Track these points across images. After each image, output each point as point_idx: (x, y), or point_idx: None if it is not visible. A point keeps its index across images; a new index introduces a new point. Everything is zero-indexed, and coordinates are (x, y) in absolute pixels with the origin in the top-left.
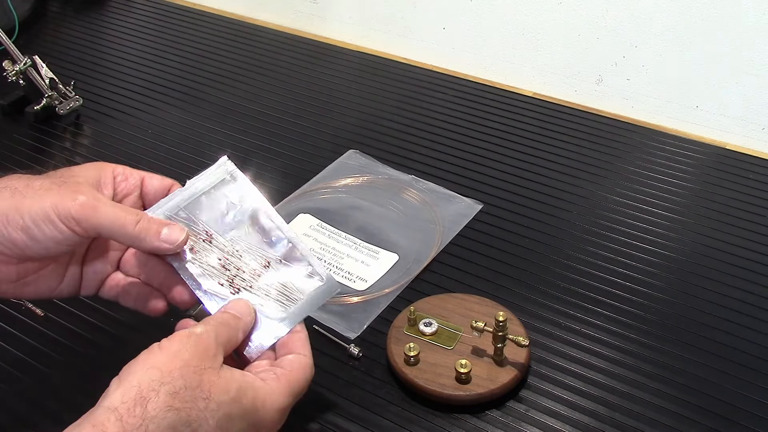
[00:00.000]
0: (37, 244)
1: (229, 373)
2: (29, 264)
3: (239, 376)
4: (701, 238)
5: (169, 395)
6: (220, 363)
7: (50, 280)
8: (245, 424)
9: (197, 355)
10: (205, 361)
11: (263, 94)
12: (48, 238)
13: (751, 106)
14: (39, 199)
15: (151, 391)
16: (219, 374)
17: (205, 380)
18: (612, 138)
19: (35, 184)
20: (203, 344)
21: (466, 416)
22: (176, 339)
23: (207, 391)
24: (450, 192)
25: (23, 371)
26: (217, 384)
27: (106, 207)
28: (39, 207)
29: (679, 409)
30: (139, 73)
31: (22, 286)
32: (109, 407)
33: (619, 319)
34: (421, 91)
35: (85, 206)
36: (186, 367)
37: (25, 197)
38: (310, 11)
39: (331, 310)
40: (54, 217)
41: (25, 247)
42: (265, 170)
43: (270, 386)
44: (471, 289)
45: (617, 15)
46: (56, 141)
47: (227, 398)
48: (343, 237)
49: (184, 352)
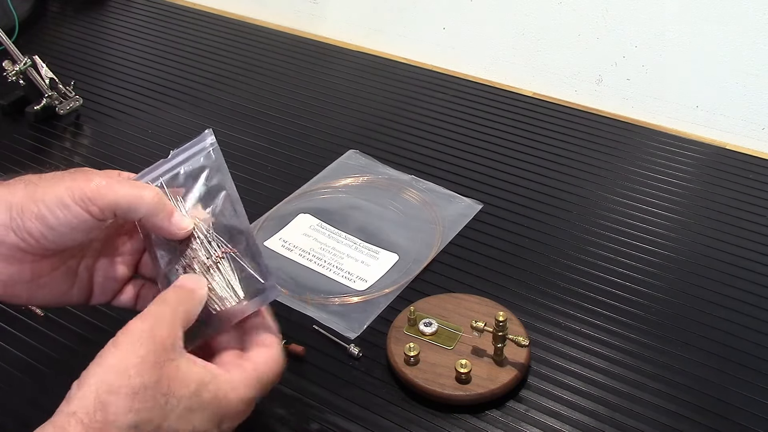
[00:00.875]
0: (51, 232)
1: (189, 365)
2: (44, 263)
3: (200, 368)
4: (701, 238)
5: (128, 397)
6: (180, 350)
7: (62, 283)
8: (207, 415)
9: (154, 349)
10: (163, 354)
11: (263, 94)
12: (62, 224)
13: (751, 106)
14: (53, 186)
15: (110, 394)
16: (178, 367)
17: (164, 375)
18: (612, 138)
19: (48, 176)
20: (159, 335)
21: (466, 416)
22: (129, 333)
23: (166, 387)
24: (450, 192)
25: (23, 371)
26: (177, 378)
27: (121, 184)
28: (53, 192)
29: (679, 409)
30: (139, 73)
31: (36, 288)
32: (68, 413)
33: (619, 319)
34: (421, 91)
35: (100, 186)
36: (143, 364)
37: (38, 186)
38: (310, 11)
39: (331, 310)
40: (69, 201)
41: (40, 236)
42: (266, 170)
43: (233, 377)
44: (471, 289)
45: (617, 15)
46: (56, 141)
47: (187, 392)
48: (343, 237)
49: (138, 347)
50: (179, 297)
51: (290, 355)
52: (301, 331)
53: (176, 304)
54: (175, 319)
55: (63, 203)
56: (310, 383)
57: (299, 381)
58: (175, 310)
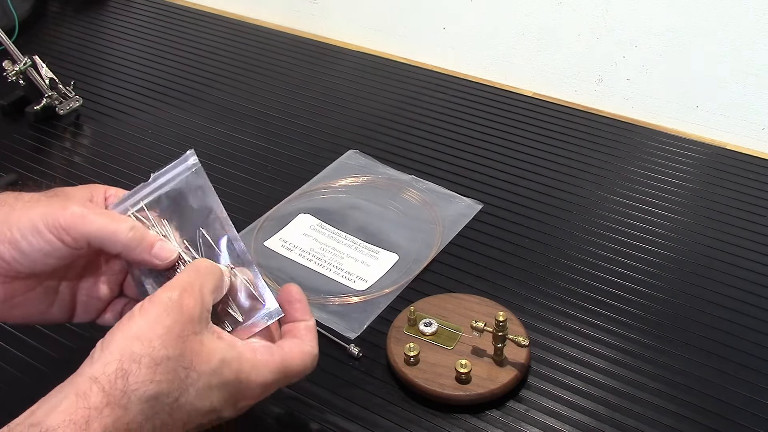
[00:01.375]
0: (24, 257)
1: (214, 341)
2: (17, 283)
3: (225, 344)
4: (701, 238)
5: (150, 368)
6: (207, 322)
7: (40, 302)
8: (226, 393)
9: (180, 320)
10: (188, 327)
11: (263, 94)
12: (35, 250)
13: (751, 106)
14: (27, 211)
15: (132, 363)
16: (203, 342)
17: (188, 349)
18: (612, 138)
19: (25, 197)
20: (187, 306)
21: (466, 416)
22: (158, 301)
23: (189, 361)
24: (450, 192)
25: (23, 371)
26: (200, 353)
27: (96, 215)
28: (27, 218)
29: (679, 409)
30: (139, 73)
31: (10, 308)
32: (91, 377)
33: (619, 319)
34: (421, 91)
35: (75, 215)
36: (168, 335)
37: (14, 209)
38: (311, 11)
39: (331, 310)
40: (42, 228)
41: (12, 260)
42: (265, 170)
43: (258, 359)
44: (471, 289)
45: (617, 15)
46: (56, 141)
47: (208, 368)
48: (343, 237)
49: (165, 317)
50: (210, 270)
51: None
52: None
53: (206, 274)
54: (204, 289)
55: (36, 229)
56: (310, 383)
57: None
58: (205, 280)
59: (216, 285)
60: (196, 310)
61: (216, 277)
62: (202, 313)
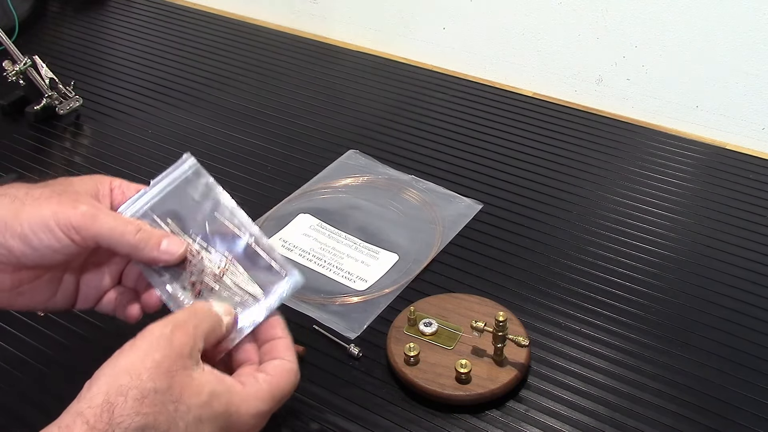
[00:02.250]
0: (33, 252)
1: (204, 375)
2: (24, 273)
3: (214, 379)
4: (701, 238)
5: (137, 400)
6: (197, 360)
7: (45, 290)
8: (215, 427)
9: (170, 355)
10: (178, 362)
11: (263, 94)
12: (45, 246)
13: (751, 106)
14: (38, 207)
15: (119, 396)
16: (192, 376)
17: (176, 383)
18: (612, 138)
19: (35, 193)
20: (178, 342)
21: (466, 416)
22: (149, 335)
23: (177, 394)
24: (450, 192)
25: (23, 371)
26: (189, 386)
27: (106, 216)
28: (38, 215)
29: (679, 409)
30: (139, 73)
31: (16, 295)
32: (76, 412)
33: (619, 319)
34: (421, 91)
35: (86, 215)
36: (156, 369)
37: (25, 205)
38: (310, 11)
39: (331, 310)
40: (53, 226)
41: (21, 254)
42: (265, 170)
43: (248, 391)
44: (471, 289)
45: (617, 15)
46: (56, 141)
47: (198, 401)
48: (343, 237)
49: (155, 351)
50: (207, 313)
51: None
52: (301, 331)
53: (203, 317)
54: (197, 329)
55: (47, 227)
56: (310, 383)
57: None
58: (200, 321)
59: (212, 327)
60: (186, 347)
61: (212, 320)
62: (192, 350)
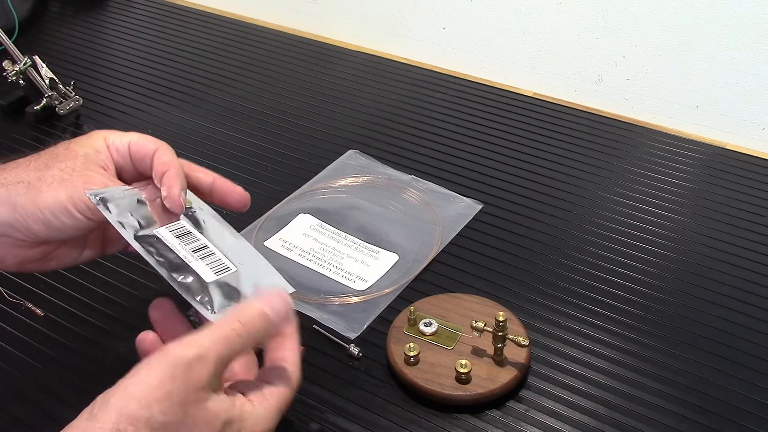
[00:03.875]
0: (57, 232)
1: (217, 403)
2: (51, 245)
3: (227, 406)
4: (701, 238)
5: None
6: (213, 389)
7: (73, 252)
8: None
9: (184, 387)
10: (193, 394)
11: (263, 94)
12: (67, 227)
13: (751, 106)
14: (54, 193)
15: (129, 425)
16: (206, 408)
17: (190, 416)
18: (612, 138)
19: (47, 177)
20: (196, 373)
21: (466, 416)
22: (165, 359)
23: (189, 427)
24: (450, 192)
25: (23, 371)
26: (202, 418)
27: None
28: (55, 200)
29: (679, 409)
30: (139, 73)
31: (47, 261)
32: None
33: (619, 319)
34: (421, 91)
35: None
36: (169, 400)
37: (41, 192)
38: (311, 11)
39: (331, 310)
40: (71, 209)
41: (45, 235)
42: (266, 170)
43: (258, 411)
44: (471, 289)
45: (617, 15)
46: (56, 141)
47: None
48: (343, 237)
49: (168, 382)
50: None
51: None
52: (301, 331)
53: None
54: (220, 359)
55: (66, 210)
56: (310, 383)
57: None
58: (223, 349)
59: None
60: (204, 379)
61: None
62: (211, 381)
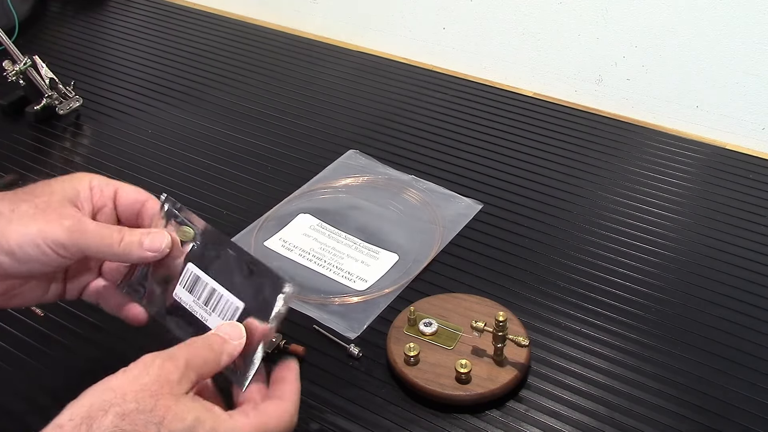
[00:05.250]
0: (23, 266)
1: (191, 402)
2: (15, 281)
3: (201, 407)
4: (701, 238)
5: (118, 416)
6: (184, 390)
7: (36, 291)
8: None
9: (157, 380)
10: (165, 387)
11: (263, 94)
12: (34, 261)
13: (751, 106)
14: (25, 225)
15: (99, 410)
16: (178, 401)
17: (161, 405)
18: (612, 138)
19: (21, 209)
20: (167, 369)
21: (466, 416)
22: (141, 362)
23: (160, 416)
24: (450, 192)
25: (23, 371)
26: (173, 410)
27: (91, 229)
28: (25, 233)
29: (679, 409)
30: (139, 73)
31: (9, 298)
32: (56, 424)
33: (619, 319)
34: (421, 91)
35: (71, 230)
36: (142, 391)
37: (11, 222)
38: (310, 11)
39: (331, 310)
40: (41, 243)
41: (10, 268)
42: (266, 170)
43: (235, 423)
44: (471, 289)
45: (617, 15)
46: (56, 141)
47: (181, 426)
48: (343, 237)
49: (144, 376)
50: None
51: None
52: (301, 331)
53: (198, 350)
54: (190, 363)
55: (35, 244)
56: (310, 383)
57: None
58: (192, 356)
59: (206, 361)
60: (174, 375)
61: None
62: (181, 379)
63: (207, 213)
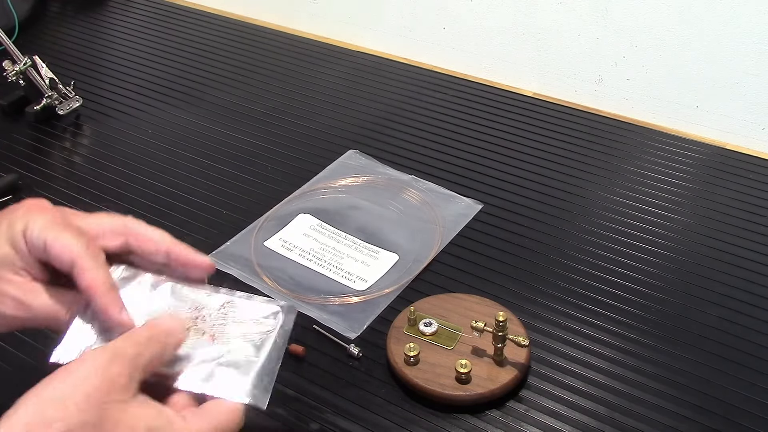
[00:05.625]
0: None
1: (141, 408)
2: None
3: (152, 412)
4: (701, 238)
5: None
6: (133, 393)
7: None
8: None
9: (102, 388)
10: (112, 394)
11: (263, 94)
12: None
13: (751, 106)
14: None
15: (42, 427)
16: (126, 410)
17: (109, 416)
18: (612, 138)
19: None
20: (114, 372)
21: (466, 416)
22: (83, 364)
23: (110, 429)
24: (450, 192)
25: (23, 371)
26: (122, 421)
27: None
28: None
29: (679, 409)
30: (139, 73)
31: None
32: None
33: (619, 319)
34: (421, 91)
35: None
36: (86, 401)
37: None
38: (310, 11)
39: (331, 310)
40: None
41: None
42: (266, 170)
43: (189, 426)
44: (471, 289)
45: (617, 15)
46: (56, 141)
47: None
48: (343, 237)
49: (86, 383)
50: (149, 337)
51: (290, 355)
52: (301, 331)
53: (144, 343)
54: (137, 359)
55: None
56: (310, 383)
57: (299, 381)
58: (141, 350)
59: (155, 354)
60: (122, 379)
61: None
62: (130, 381)
63: (207, 213)
